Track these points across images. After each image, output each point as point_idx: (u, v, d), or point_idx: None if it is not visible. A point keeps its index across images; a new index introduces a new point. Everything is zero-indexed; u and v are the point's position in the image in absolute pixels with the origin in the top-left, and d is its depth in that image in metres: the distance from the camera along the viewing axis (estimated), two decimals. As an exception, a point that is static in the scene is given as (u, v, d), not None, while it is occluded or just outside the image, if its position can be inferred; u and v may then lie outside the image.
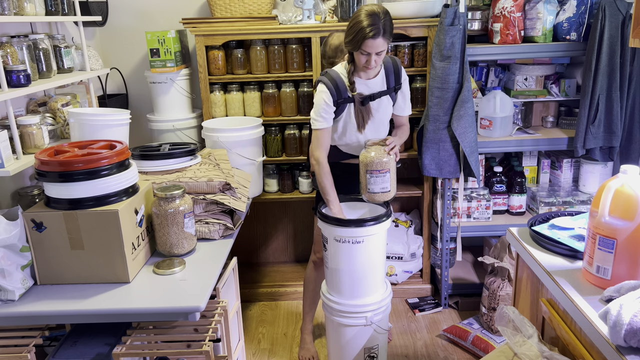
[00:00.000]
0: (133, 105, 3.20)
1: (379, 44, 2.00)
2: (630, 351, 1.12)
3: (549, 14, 2.61)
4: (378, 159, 2.09)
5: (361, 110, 2.18)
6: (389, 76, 2.22)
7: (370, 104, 2.19)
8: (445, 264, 2.90)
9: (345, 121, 2.21)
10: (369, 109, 2.20)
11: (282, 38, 2.80)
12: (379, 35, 1.97)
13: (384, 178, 2.10)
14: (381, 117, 2.25)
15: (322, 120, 2.14)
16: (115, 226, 1.60)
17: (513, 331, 1.49)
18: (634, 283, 1.25)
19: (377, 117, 2.23)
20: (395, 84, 2.24)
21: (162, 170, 2.18)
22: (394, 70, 2.22)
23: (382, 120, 2.26)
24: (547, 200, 2.79)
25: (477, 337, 2.55)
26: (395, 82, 2.24)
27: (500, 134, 2.77)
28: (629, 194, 1.28)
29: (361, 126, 2.20)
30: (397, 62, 2.24)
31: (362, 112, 2.18)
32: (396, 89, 2.25)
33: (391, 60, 2.23)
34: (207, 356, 1.54)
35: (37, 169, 1.61)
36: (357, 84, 2.16)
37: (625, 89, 2.55)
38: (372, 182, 2.11)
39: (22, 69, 2.00)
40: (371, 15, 1.97)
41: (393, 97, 2.26)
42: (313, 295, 2.57)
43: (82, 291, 1.63)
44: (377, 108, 2.22)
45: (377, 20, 1.96)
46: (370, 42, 1.98)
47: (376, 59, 2.05)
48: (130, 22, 3.08)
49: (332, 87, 2.12)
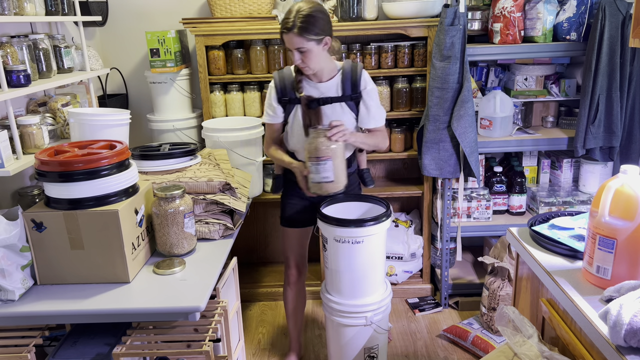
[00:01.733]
0: (133, 105, 3.20)
1: (294, 40, 1.93)
2: (630, 351, 1.12)
3: (549, 14, 2.61)
4: (318, 145, 1.95)
5: (308, 114, 2.08)
6: (345, 83, 2.09)
7: (322, 108, 2.08)
8: (445, 264, 2.90)
9: (292, 123, 2.14)
10: (318, 113, 2.08)
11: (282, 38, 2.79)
12: (290, 30, 1.92)
13: (325, 166, 1.93)
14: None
15: (267, 115, 2.17)
16: (115, 226, 1.60)
17: (513, 331, 1.49)
18: (634, 283, 1.25)
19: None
20: (352, 92, 2.10)
21: (162, 170, 2.18)
22: (351, 78, 2.08)
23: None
24: (547, 200, 2.79)
25: (477, 337, 2.55)
26: (352, 90, 2.09)
27: (500, 134, 2.77)
28: (629, 194, 1.28)
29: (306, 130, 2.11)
30: (358, 69, 2.10)
31: (310, 116, 2.08)
32: (353, 98, 2.10)
33: (351, 66, 2.10)
34: (207, 356, 1.54)
35: (37, 169, 1.61)
36: (308, 85, 2.09)
37: (625, 89, 2.55)
38: (312, 171, 1.98)
39: (22, 69, 2.00)
40: (291, 9, 1.95)
41: (352, 107, 2.12)
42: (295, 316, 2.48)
43: (82, 291, 1.63)
44: (330, 115, 2.10)
45: (293, 15, 1.92)
46: (284, 36, 1.96)
47: (301, 57, 1.97)
48: (130, 22, 3.08)
49: (278, 84, 2.10)
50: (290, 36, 1.93)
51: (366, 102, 2.12)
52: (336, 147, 1.96)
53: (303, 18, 1.91)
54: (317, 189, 2.02)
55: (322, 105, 2.09)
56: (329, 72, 2.10)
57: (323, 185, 1.98)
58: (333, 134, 1.95)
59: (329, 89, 2.10)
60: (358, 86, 2.09)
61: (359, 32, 2.71)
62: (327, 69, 2.08)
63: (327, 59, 2.06)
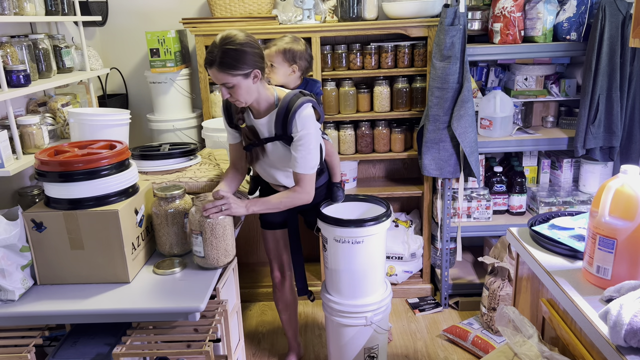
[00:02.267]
0: (133, 105, 3.20)
1: (216, 75, 1.76)
2: (631, 351, 1.12)
3: (549, 14, 2.61)
4: (190, 217, 1.74)
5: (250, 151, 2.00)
6: (277, 122, 1.88)
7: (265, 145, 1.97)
8: (445, 264, 2.90)
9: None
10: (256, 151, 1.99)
11: (282, 38, 2.80)
12: (212, 65, 1.75)
13: (196, 240, 1.73)
14: (273, 161, 2.01)
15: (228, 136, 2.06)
16: (115, 226, 1.60)
17: (513, 331, 1.49)
18: (634, 283, 1.25)
19: (267, 160, 2.03)
20: (282, 132, 1.89)
21: (162, 170, 2.18)
22: (283, 117, 1.87)
23: (275, 164, 2.02)
24: (547, 200, 2.79)
25: (477, 337, 2.55)
26: (282, 130, 1.88)
27: (500, 134, 2.76)
28: (629, 194, 1.28)
29: (249, 162, 2.05)
30: (295, 106, 1.84)
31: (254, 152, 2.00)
32: (284, 138, 1.90)
33: (290, 102, 1.86)
34: (207, 356, 1.54)
35: (37, 169, 1.61)
36: (247, 118, 1.97)
37: (625, 89, 2.55)
38: (192, 242, 1.76)
39: (22, 69, 2.00)
40: (214, 42, 1.76)
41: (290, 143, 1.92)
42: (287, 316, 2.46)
43: (82, 291, 1.63)
44: (271, 151, 1.97)
45: (215, 48, 1.74)
46: (208, 70, 1.79)
47: (229, 92, 1.80)
48: (130, 22, 3.08)
49: (223, 107, 2.00)
50: (213, 71, 1.76)
51: (294, 146, 1.89)
52: (211, 222, 1.71)
53: (226, 52, 1.73)
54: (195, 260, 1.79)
55: (256, 146, 1.98)
56: (267, 107, 1.92)
57: (195, 257, 1.77)
58: (206, 209, 1.71)
59: (264, 126, 1.94)
60: (288, 130, 1.88)
61: (359, 32, 2.71)
62: (265, 101, 1.90)
63: (262, 90, 1.88)
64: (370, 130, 2.92)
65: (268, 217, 2.29)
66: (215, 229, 1.71)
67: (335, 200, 2.25)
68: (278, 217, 2.27)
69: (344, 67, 2.83)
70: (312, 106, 1.90)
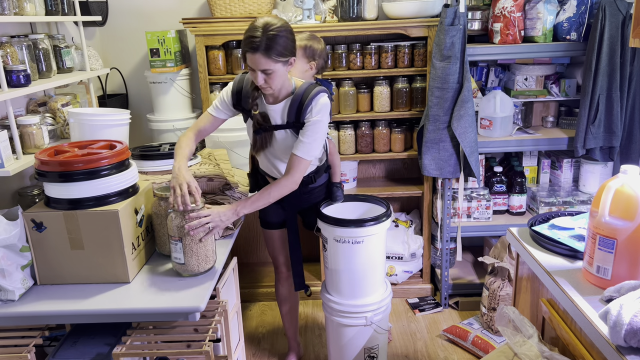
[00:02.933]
0: (133, 105, 3.20)
1: (259, 61, 1.76)
2: (631, 351, 1.12)
3: (549, 14, 2.61)
4: (171, 221, 1.70)
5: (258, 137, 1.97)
6: (291, 109, 1.90)
7: (271, 133, 1.96)
8: (445, 264, 2.90)
9: (248, 131, 2.04)
10: (264, 138, 1.97)
11: (282, 38, 2.79)
12: (257, 50, 1.74)
13: (175, 247, 1.69)
14: (279, 150, 2.01)
15: (214, 107, 1.99)
16: (115, 226, 1.60)
17: (513, 331, 1.49)
18: (634, 283, 1.25)
19: (273, 150, 2.01)
20: (295, 120, 1.91)
21: (162, 170, 2.18)
22: (298, 104, 1.89)
23: (280, 155, 2.02)
24: (547, 200, 2.79)
25: (477, 337, 2.55)
26: (296, 118, 1.90)
27: (500, 134, 2.76)
28: (629, 194, 1.28)
29: (255, 150, 2.02)
30: (312, 94, 1.87)
31: (260, 139, 1.98)
32: (297, 126, 1.92)
33: (304, 92, 1.89)
34: (207, 356, 1.54)
35: (37, 169, 1.61)
36: (260, 104, 1.96)
37: (625, 89, 2.55)
38: (171, 248, 1.71)
39: (22, 69, 2.00)
40: (257, 27, 1.75)
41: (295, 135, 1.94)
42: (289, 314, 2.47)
43: (82, 291, 1.63)
44: (279, 140, 1.97)
45: (260, 33, 1.73)
46: (249, 56, 1.78)
47: (265, 78, 1.80)
48: (130, 22, 3.08)
49: (235, 89, 1.96)
50: (257, 57, 1.76)
51: (303, 131, 1.90)
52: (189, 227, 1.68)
53: (271, 38, 1.74)
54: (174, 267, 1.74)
55: (266, 132, 1.97)
56: (285, 94, 1.94)
57: (173, 264, 1.73)
58: (192, 228, 1.66)
59: (277, 112, 1.94)
60: (302, 116, 1.90)
61: (359, 32, 2.71)
62: (285, 90, 1.92)
63: (287, 79, 1.91)
64: (370, 130, 2.92)
65: (267, 218, 2.29)
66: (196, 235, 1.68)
67: (335, 200, 2.25)
68: (276, 218, 2.27)
69: (344, 67, 2.83)
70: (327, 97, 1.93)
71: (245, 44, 1.77)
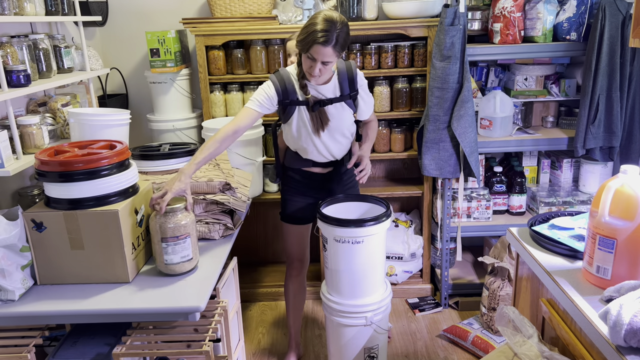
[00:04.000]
0: (133, 105, 3.20)
1: (327, 53, 1.90)
2: (630, 351, 1.12)
3: (549, 14, 2.61)
4: (153, 221, 1.71)
5: (315, 115, 2.09)
6: (343, 83, 2.11)
7: (326, 109, 2.10)
8: (445, 264, 2.90)
9: (298, 124, 2.12)
10: (324, 113, 2.10)
11: (282, 38, 2.80)
12: (329, 44, 1.88)
13: (184, 245, 1.70)
14: (337, 125, 2.13)
15: (255, 102, 2.03)
16: (115, 226, 1.60)
17: (513, 331, 1.49)
18: (634, 283, 1.25)
19: (332, 124, 2.12)
20: (350, 91, 2.12)
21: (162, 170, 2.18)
22: (349, 77, 2.11)
23: (338, 128, 2.15)
24: (547, 200, 2.79)
25: (477, 337, 2.55)
26: (350, 89, 2.12)
27: (500, 134, 2.77)
28: (629, 194, 1.28)
29: (315, 131, 2.11)
30: (352, 67, 2.13)
31: (319, 116, 2.09)
32: (352, 96, 2.13)
33: (346, 65, 2.12)
34: (207, 356, 1.54)
35: (37, 169, 1.61)
36: (310, 88, 2.07)
37: (625, 89, 2.55)
38: (170, 252, 1.70)
39: (22, 69, 2.00)
40: (328, 21, 1.88)
41: (350, 104, 2.14)
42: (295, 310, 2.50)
43: (82, 291, 1.63)
44: (334, 114, 2.12)
45: (332, 28, 1.87)
46: (318, 48, 1.89)
47: (321, 68, 1.95)
48: (130, 22, 3.08)
49: (279, 86, 2.05)
50: (329, 50, 1.89)
51: (363, 97, 2.17)
52: (173, 227, 1.68)
53: (345, 35, 1.92)
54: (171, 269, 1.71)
55: (323, 106, 2.09)
56: (327, 76, 2.09)
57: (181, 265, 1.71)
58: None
59: (328, 90, 2.09)
60: (355, 84, 2.13)
61: (359, 32, 2.71)
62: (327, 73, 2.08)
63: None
64: (370, 130, 2.92)
65: (294, 213, 2.32)
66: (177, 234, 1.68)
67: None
68: (304, 213, 2.31)
69: (344, 67, 2.83)
70: None
71: (315, 37, 1.88)
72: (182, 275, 1.73)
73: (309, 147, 2.17)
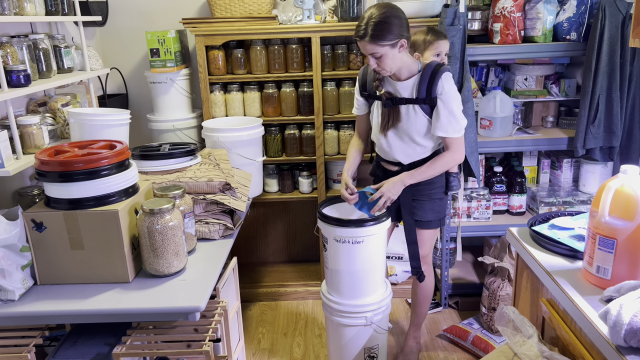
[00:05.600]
0: (133, 105, 3.20)
1: (365, 47, 1.95)
2: (630, 351, 1.12)
3: (549, 14, 2.61)
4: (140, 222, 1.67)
5: (387, 112, 2.09)
6: (421, 85, 2.03)
7: (399, 107, 2.07)
8: (445, 264, 2.90)
9: (372, 118, 2.21)
10: (397, 112, 2.07)
11: (282, 38, 2.80)
12: (362, 38, 1.93)
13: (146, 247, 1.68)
14: (406, 128, 2.09)
15: (355, 105, 2.27)
16: (115, 226, 1.60)
17: (513, 331, 1.49)
18: (634, 283, 1.25)
19: (402, 126, 2.09)
20: (426, 96, 2.03)
21: (162, 170, 2.18)
22: (428, 81, 2.01)
23: (407, 131, 2.09)
24: (547, 200, 2.79)
25: (477, 337, 2.55)
26: (426, 94, 2.02)
27: (500, 134, 2.77)
28: (629, 194, 1.28)
29: (382, 128, 2.12)
30: (438, 71, 2.01)
31: (390, 114, 2.09)
32: (427, 102, 2.04)
33: (433, 69, 2.02)
34: (207, 356, 1.54)
35: (37, 169, 1.61)
36: (386, 83, 2.10)
37: (625, 89, 2.55)
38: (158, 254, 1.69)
39: (22, 69, 2.00)
40: (366, 13, 1.95)
41: (426, 110, 2.06)
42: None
43: (82, 291, 1.63)
44: (405, 115, 2.08)
45: (366, 21, 1.93)
46: (359, 44, 1.98)
47: (376, 62, 1.97)
48: (130, 22, 3.08)
49: (360, 78, 2.19)
50: (363, 43, 1.95)
51: (438, 108, 2.02)
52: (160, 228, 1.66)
53: (374, 26, 1.91)
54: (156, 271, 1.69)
55: (394, 105, 2.08)
56: (408, 72, 2.05)
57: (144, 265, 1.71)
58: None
59: (405, 89, 2.06)
60: (433, 91, 2.02)
61: (359, 32, 2.71)
62: (407, 68, 2.04)
63: (406, 59, 2.02)
64: (370, 130, 2.92)
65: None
66: (165, 235, 1.66)
67: (450, 190, 2.25)
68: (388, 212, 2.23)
69: (344, 67, 2.83)
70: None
71: (354, 33, 1.99)
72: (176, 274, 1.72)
73: (378, 144, 2.23)
